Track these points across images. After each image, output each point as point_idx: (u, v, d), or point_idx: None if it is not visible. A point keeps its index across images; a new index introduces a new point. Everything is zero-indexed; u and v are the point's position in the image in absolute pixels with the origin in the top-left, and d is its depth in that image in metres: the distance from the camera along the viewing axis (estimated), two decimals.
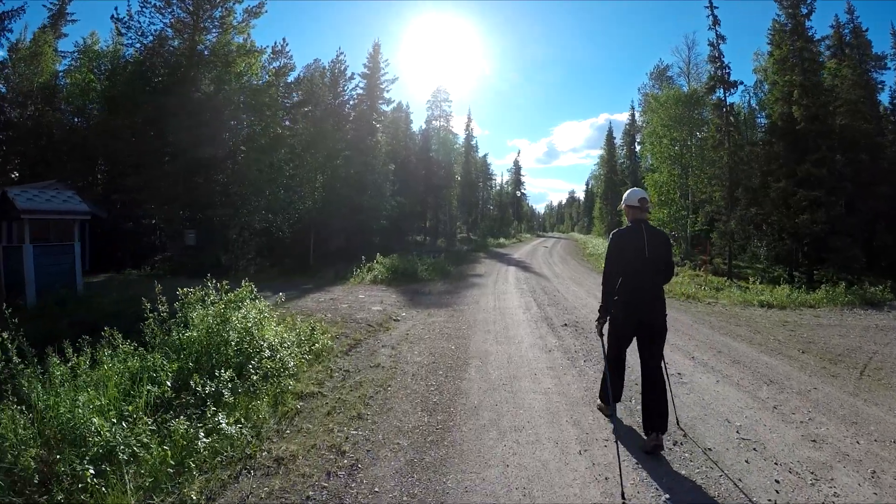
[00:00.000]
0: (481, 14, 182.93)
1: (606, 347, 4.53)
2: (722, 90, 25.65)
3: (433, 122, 48.00)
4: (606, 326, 4.51)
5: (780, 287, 15.67)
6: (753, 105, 35.97)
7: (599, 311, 4.49)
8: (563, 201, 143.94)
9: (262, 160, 19.98)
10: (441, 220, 51.06)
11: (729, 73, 25.88)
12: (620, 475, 3.69)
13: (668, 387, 4.34)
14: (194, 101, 18.49)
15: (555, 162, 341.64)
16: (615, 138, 59.20)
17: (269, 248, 26.63)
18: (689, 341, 8.43)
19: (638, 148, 51.76)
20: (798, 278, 22.43)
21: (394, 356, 7.36)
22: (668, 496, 3.60)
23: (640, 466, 4.04)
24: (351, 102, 32.27)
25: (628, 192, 4.65)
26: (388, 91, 35.05)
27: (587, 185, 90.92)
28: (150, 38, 19.68)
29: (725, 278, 22.20)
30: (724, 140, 25.91)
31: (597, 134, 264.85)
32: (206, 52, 19.51)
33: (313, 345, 7.37)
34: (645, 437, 4.25)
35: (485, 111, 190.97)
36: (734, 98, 36.64)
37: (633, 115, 53.24)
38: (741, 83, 27.28)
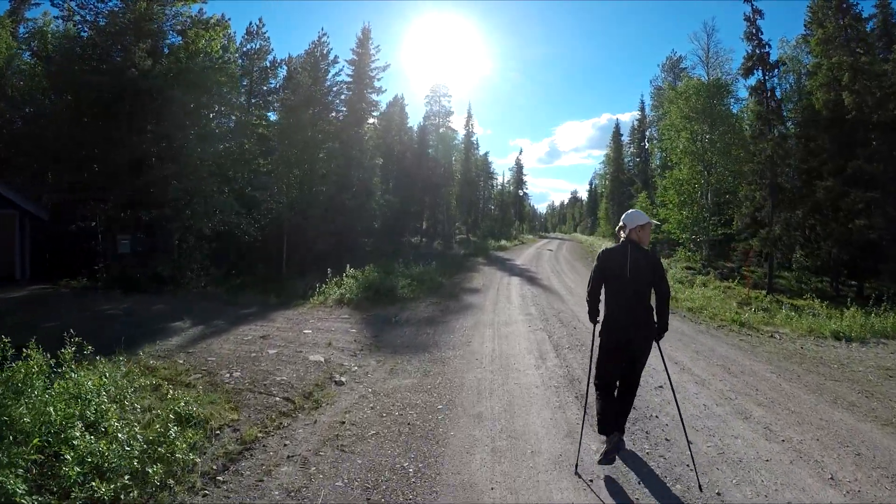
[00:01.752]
0: (482, 14, 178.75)
1: (594, 365, 4.53)
2: (761, 71, 22.16)
3: (432, 118, 44.76)
4: (597, 342, 4.51)
5: (850, 310, 12.34)
6: (778, 96, 32.63)
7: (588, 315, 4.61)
8: (566, 201, 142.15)
9: (209, 150, 16.46)
10: (439, 220, 47.85)
11: (768, 53, 22.45)
12: None
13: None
14: (127, 79, 14.96)
15: (556, 162, 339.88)
16: (622, 136, 57.27)
17: (238, 255, 23.21)
18: (799, 426, 5.27)
19: (648, 145, 49.56)
20: (842, 292, 19.41)
21: (295, 491, 3.87)
22: None
23: None
24: (335, 89, 28.79)
25: (625, 213, 4.58)
26: (378, 79, 31.76)
27: (591, 184, 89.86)
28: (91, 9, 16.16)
29: (765, 293, 18.92)
30: (764, 129, 22.52)
31: (599, 134, 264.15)
32: (148, 24, 15.97)
33: (165, 455, 3.91)
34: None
35: (486, 111, 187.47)
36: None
37: (642, 112, 50.96)
38: (783, 63, 23.83)
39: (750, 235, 23.80)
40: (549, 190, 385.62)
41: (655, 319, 4.30)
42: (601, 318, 4.46)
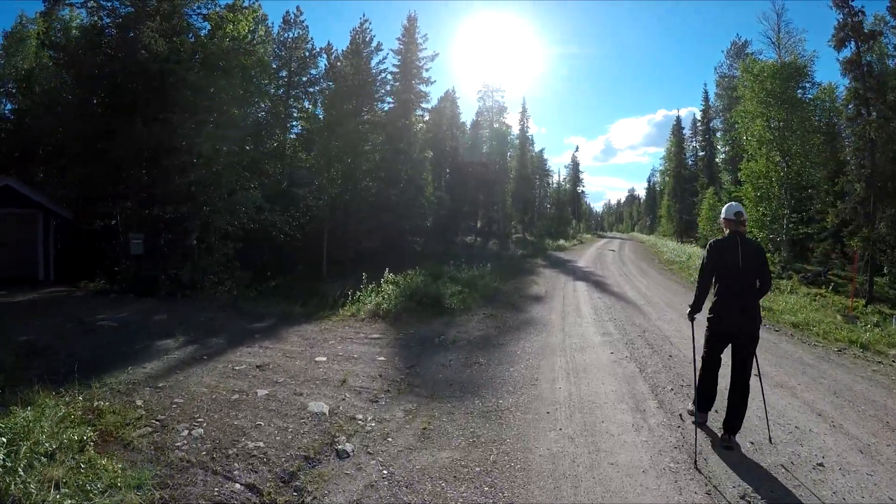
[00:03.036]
0: (535, 10, 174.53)
1: (701, 351, 4.69)
2: (854, 43, 18.55)
3: (484, 113, 42.42)
4: (703, 333, 4.69)
5: None
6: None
7: (691, 307, 4.69)
8: (622, 200, 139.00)
9: (230, 138, 14.63)
10: (494, 219, 45.44)
11: (861, 21, 18.83)
12: None
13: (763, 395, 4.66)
14: (136, 62, 13.39)
15: (612, 160, 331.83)
16: (683, 129, 53.69)
17: (275, 255, 21.65)
18: None
19: (713, 138, 46.53)
20: None
21: None
22: None
23: None
24: (380, 77, 26.92)
25: (726, 206, 4.77)
26: (427, 69, 29.72)
27: (649, 182, 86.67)
28: None
29: (864, 302, 16.83)
30: (862, 109, 18.96)
31: (655, 130, 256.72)
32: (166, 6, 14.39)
33: None
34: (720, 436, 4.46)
35: (540, 109, 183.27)
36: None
37: (706, 102, 47.53)
38: (879, 33, 20.01)
39: (837, 234, 20.54)
40: (605, 188, 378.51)
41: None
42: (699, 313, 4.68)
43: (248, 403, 5.41)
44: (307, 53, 27.07)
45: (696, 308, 4.67)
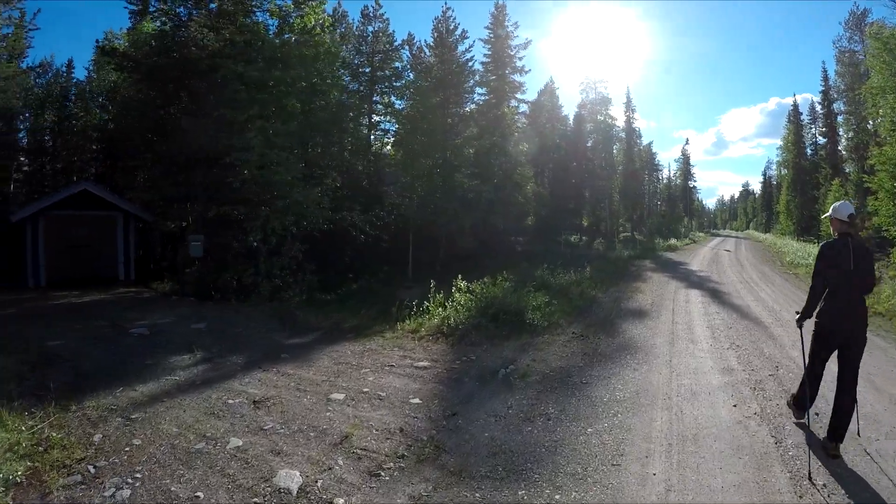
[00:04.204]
0: (639, 2, 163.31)
1: (808, 355, 4.65)
2: None
3: (587, 105, 39.61)
4: (810, 335, 4.62)
5: None
6: None
7: (800, 313, 4.65)
8: (736, 195, 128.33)
9: (288, 134, 13.60)
10: (601, 217, 42.57)
11: None
12: None
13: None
14: (190, 59, 12.87)
15: (724, 153, 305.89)
16: (801, 115, 47.36)
17: (356, 256, 20.72)
18: None
19: (840, 119, 40.17)
20: None
21: None
22: None
23: None
24: (469, 66, 25.28)
25: (838, 205, 4.66)
26: (520, 58, 27.55)
27: (764, 175, 78.77)
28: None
29: None
30: None
31: (769, 120, 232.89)
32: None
33: None
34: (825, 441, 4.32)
35: (646, 102, 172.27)
36: None
37: (825, 83, 41.48)
38: None
39: None
40: (717, 183, 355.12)
41: None
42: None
43: (207, 458, 4.22)
44: (389, 47, 26.13)
45: (806, 314, 4.59)
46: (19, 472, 3.85)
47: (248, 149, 12.58)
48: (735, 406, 5.23)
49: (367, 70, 25.52)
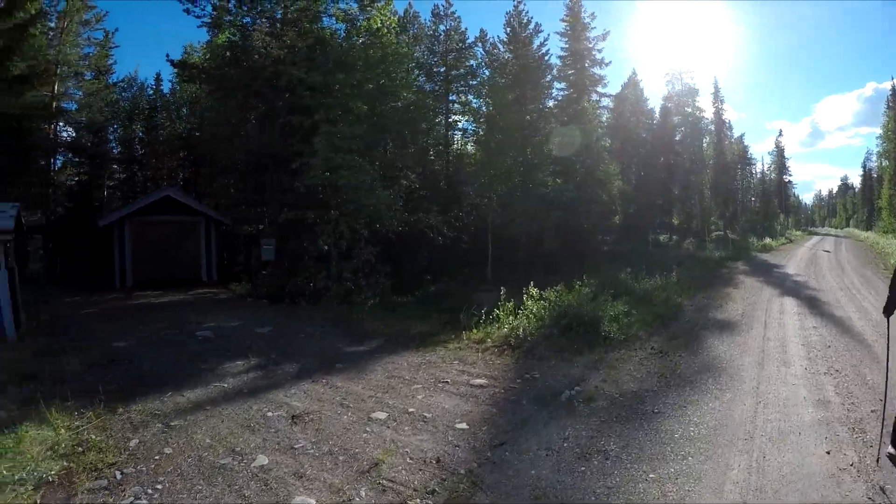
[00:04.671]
0: None
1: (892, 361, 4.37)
2: None
3: (673, 97, 37.37)
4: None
5: None
6: None
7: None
8: (834, 189, 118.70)
9: (354, 136, 13.50)
10: (692, 214, 40.25)
11: None
12: None
13: None
14: (254, 67, 13.12)
15: (820, 144, 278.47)
16: None
17: (434, 258, 20.54)
18: None
19: None
20: None
21: None
22: None
23: None
24: (545, 61, 24.27)
25: None
26: (598, 50, 26.13)
27: (864, 167, 71.15)
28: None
29: None
30: None
31: (867, 107, 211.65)
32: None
33: None
34: None
35: (735, 91, 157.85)
36: None
37: None
38: None
39: None
40: (813, 177, 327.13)
41: None
42: None
43: (229, 475, 4.09)
44: (461, 45, 25.74)
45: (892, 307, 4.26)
46: (53, 472, 4.02)
47: (312, 153, 12.69)
48: (828, 453, 4.32)
49: (442, 69, 25.34)
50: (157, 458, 4.33)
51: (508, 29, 24.41)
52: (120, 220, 15.78)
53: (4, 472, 3.86)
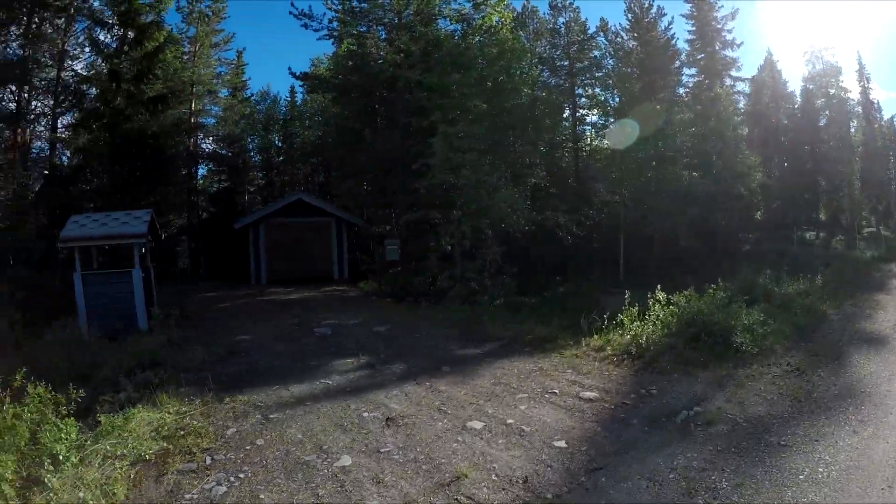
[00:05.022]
0: None
1: None
2: None
3: (815, 78, 33.23)
4: None
5: None
6: None
7: None
8: None
9: (473, 136, 13.32)
10: (841, 209, 35.49)
11: None
12: None
13: None
14: (371, 73, 13.47)
15: None
16: None
17: (565, 258, 19.88)
18: None
19: None
20: None
21: None
22: None
23: None
24: (672, 46, 22.64)
25: None
26: (728, 31, 24.12)
27: None
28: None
29: None
30: None
31: None
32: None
33: None
34: None
35: (884, 69, 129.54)
36: None
37: None
38: None
39: None
40: None
41: None
42: None
43: (309, 473, 4.25)
44: (583, 36, 24.82)
45: None
46: (151, 451, 4.44)
47: (432, 154, 12.86)
48: None
49: (565, 63, 24.58)
50: (248, 447, 4.63)
51: (630, 15, 23.67)
52: (255, 222, 17.40)
53: (108, 447, 4.22)
